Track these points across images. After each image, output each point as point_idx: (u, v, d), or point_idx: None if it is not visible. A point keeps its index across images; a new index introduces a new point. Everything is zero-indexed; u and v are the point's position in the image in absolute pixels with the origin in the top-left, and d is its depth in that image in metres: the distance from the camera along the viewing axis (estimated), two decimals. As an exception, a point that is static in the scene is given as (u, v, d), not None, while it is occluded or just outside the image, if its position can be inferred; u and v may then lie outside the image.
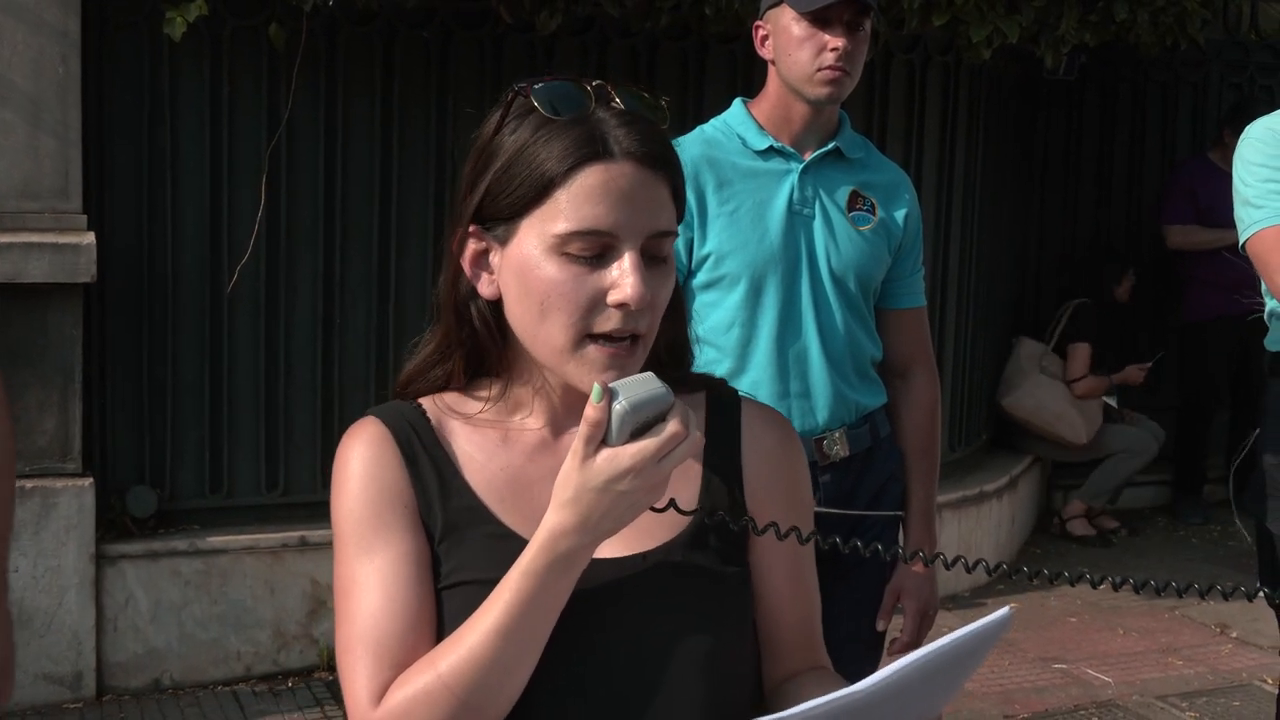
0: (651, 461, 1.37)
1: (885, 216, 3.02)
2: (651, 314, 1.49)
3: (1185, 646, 5.66)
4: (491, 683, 1.42)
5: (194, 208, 5.03)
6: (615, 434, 1.38)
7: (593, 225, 1.45)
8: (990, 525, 6.48)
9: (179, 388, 5.09)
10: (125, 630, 4.91)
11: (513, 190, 1.49)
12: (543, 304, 1.47)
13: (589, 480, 1.38)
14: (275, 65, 5.04)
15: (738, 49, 5.55)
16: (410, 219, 5.30)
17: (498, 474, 1.57)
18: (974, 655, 1.43)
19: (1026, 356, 7.11)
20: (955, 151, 6.40)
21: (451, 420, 1.59)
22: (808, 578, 1.68)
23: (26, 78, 4.64)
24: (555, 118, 1.48)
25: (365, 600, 1.49)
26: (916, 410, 3.14)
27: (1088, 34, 5.86)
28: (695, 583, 1.55)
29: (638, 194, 1.47)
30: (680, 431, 1.38)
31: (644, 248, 1.47)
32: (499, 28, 5.19)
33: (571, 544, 1.40)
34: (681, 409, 1.40)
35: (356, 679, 1.47)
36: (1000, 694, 5.10)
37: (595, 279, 1.46)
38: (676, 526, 1.56)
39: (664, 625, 1.52)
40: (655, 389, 1.40)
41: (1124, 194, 7.88)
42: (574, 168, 1.46)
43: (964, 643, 1.36)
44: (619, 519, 1.40)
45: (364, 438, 1.56)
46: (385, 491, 1.53)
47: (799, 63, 2.88)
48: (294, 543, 5.10)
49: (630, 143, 1.48)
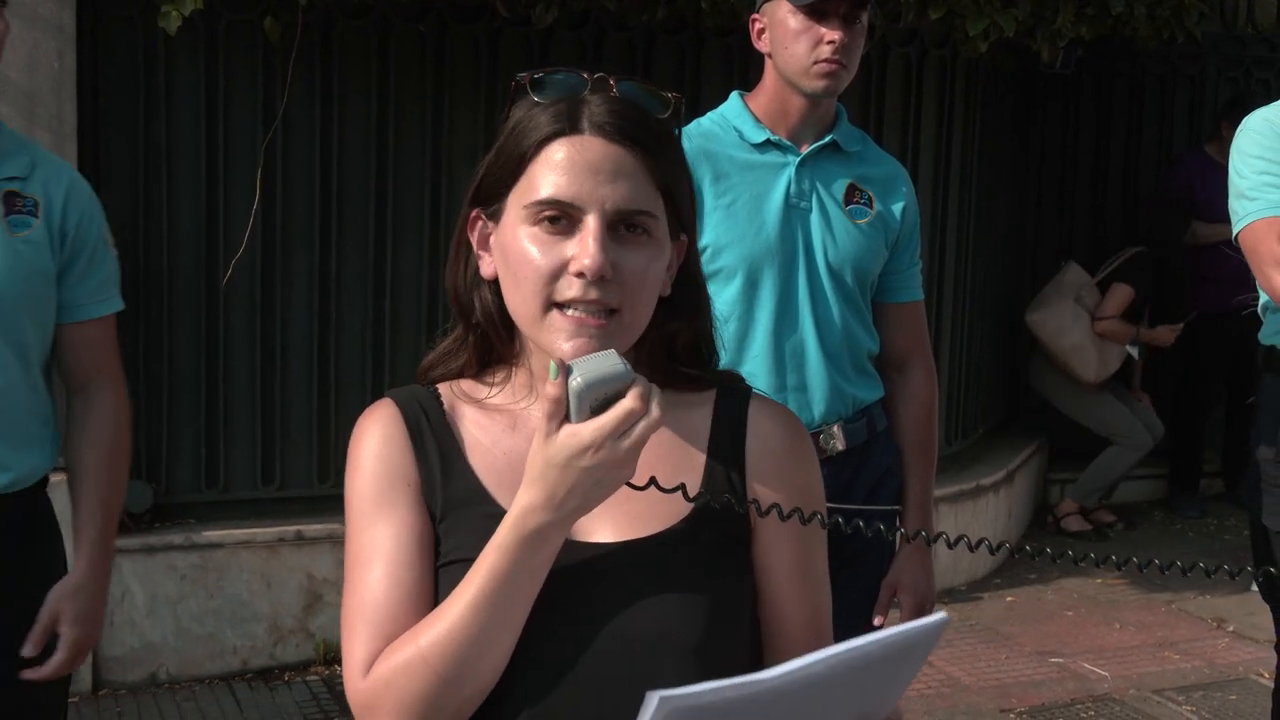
0: (610, 437, 1.39)
1: (882, 210, 3.01)
2: (622, 289, 1.51)
3: (1182, 640, 5.67)
4: (467, 657, 1.44)
5: (189, 202, 5.03)
6: (575, 411, 1.40)
7: (554, 194, 1.50)
8: (987, 519, 6.49)
9: (175, 383, 5.08)
10: (122, 624, 4.91)
11: (499, 170, 1.57)
12: (516, 273, 1.53)
13: (552, 457, 1.41)
14: (270, 59, 5.03)
15: (734, 42, 5.54)
16: (406, 213, 5.29)
17: (500, 458, 1.59)
18: (909, 659, 1.39)
19: (1068, 282, 7.04)
20: (952, 145, 6.39)
21: (464, 405, 1.63)
22: (816, 575, 1.67)
23: (21, 72, 4.63)
24: (542, 101, 1.55)
25: (366, 574, 1.53)
26: (914, 404, 3.14)
27: (1084, 27, 5.85)
28: (688, 573, 1.55)
29: (603, 167, 1.51)
30: (637, 407, 1.40)
31: (616, 221, 1.51)
32: (495, 21, 5.18)
33: (539, 520, 1.43)
34: (643, 385, 1.41)
35: (353, 648, 1.51)
36: (997, 687, 5.11)
37: (560, 248, 1.50)
38: (673, 516, 1.57)
39: (653, 613, 1.52)
40: (613, 366, 1.41)
41: (1120, 187, 7.87)
42: (544, 141, 1.53)
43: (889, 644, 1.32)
44: (585, 496, 1.42)
45: (376, 418, 1.61)
46: (391, 470, 1.57)
47: (795, 56, 2.88)
48: (290, 537, 5.10)
49: (601, 118, 1.53)
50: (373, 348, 5.29)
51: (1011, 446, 7.17)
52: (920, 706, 4.86)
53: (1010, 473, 6.80)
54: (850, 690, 1.35)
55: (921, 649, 1.39)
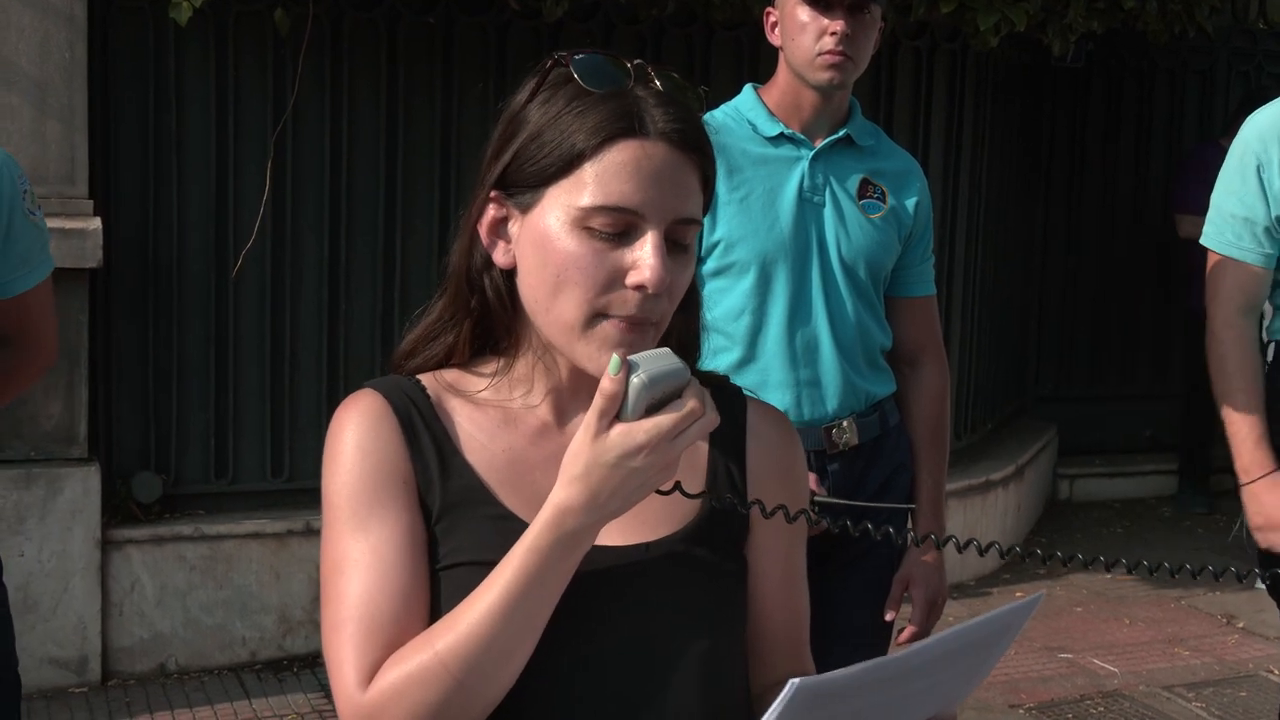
0: (667, 438, 1.33)
1: (896, 204, 3.00)
2: (668, 301, 1.45)
3: (1191, 637, 5.66)
4: (490, 663, 1.37)
5: (199, 193, 5.03)
6: (631, 408, 1.35)
7: (619, 202, 1.42)
8: (996, 514, 6.48)
9: (184, 373, 5.08)
10: (131, 615, 4.91)
11: (541, 158, 1.45)
12: (559, 277, 1.43)
13: (601, 455, 1.34)
14: (280, 51, 5.03)
15: (743, 35, 5.54)
16: (415, 204, 5.29)
17: (499, 455, 1.52)
18: (1001, 639, 1.43)
19: None
20: (962, 138, 6.38)
21: (452, 398, 1.54)
22: (799, 582, 1.65)
23: (33, 62, 4.63)
24: (592, 90, 1.45)
25: (357, 579, 1.44)
26: (926, 399, 3.13)
27: (1095, 21, 5.84)
28: (696, 577, 1.52)
29: (667, 175, 1.44)
30: (698, 408, 1.35)
31: (667, 232, 1.44)
32: (504, 14, 5.17)
33: (578, 522, 1.36)
34: (697, 387, 1.37)
35: (344, 659, 1.42)
36: (1006, 683, 5.10)
37: (615, 257, 1.42)
38: (680, 520, 1.53)
39: (662, 618, 1.49)
40: (673, 364, 1.37)
41: (1130, 181, 7.86)
42: (606, 141, 1.42)
43: (994, 622, 1.36)
44: (627, 497, 1.36)
45: (361, 409, 1.51)
46: (383, 466, 1.48)
47: (801, 47, 2.87)
48: (299, 528, 5.10)
49: (665, 123, 1.44)
50: (382, 339, 5.29)
51: (1020, 441, 7.16)
52: (928, 701, 4.85)
53: (1020, 467, 6.79)
54: (948, 673, 1.39)
55: (1013, 629, 1.41)
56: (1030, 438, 7.28)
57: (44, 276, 2.76)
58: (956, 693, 1.46)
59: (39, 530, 4.71)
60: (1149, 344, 7.93)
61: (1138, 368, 7.95)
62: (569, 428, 1.54)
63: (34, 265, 2.72)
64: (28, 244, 2.70)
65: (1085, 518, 7.35)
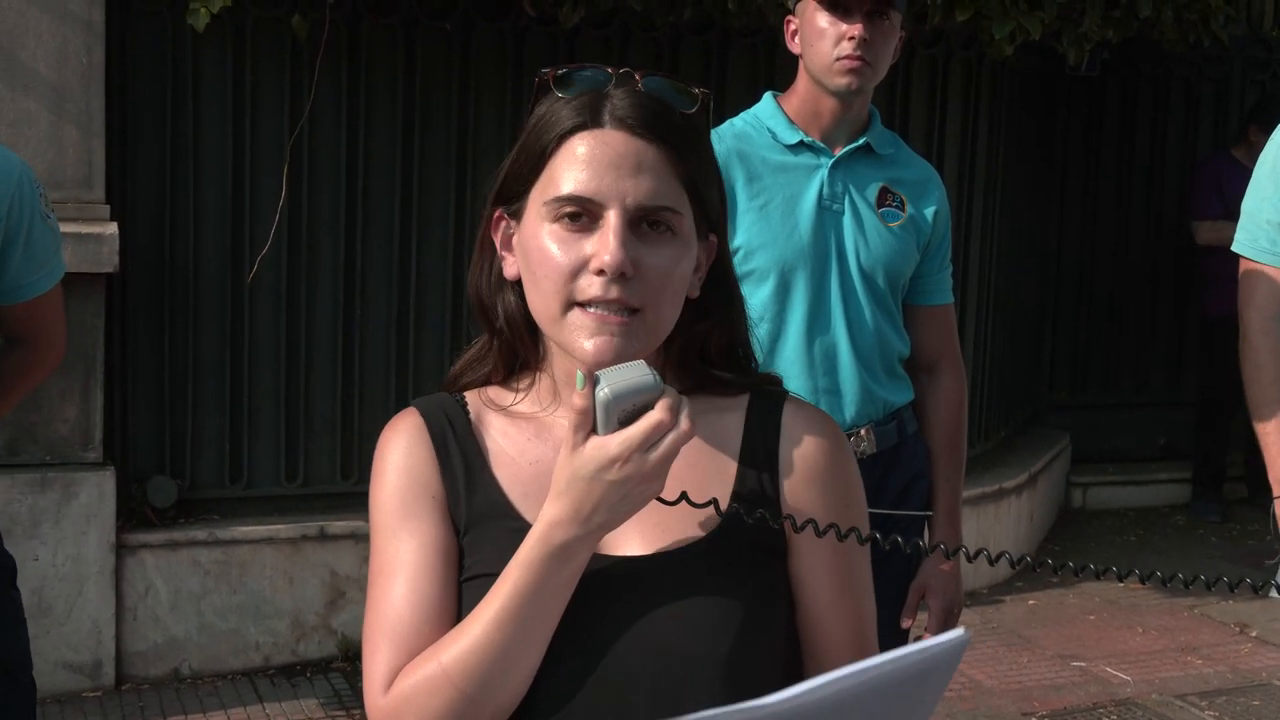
0: (639, 449, 1.36)
1: (915, 213, 3.01)
2: (645, 287, 1.46)
3: (1204, 645, 5.64)
4: (492, 674, 1.41)
5: (216, 198, 5.04)
6: (602, 423, 1.37)
7: (575, 190, 1.46)
8: (1010, 521, 6.47)
9: (199, 378, 5.09)
10: (145, 619, 4.92)
11: (521, 166, 1.53)
12: (536, 272, 1.49)
13: (578, 470, 1.38)
14: (298, 56, 5.04)
15: (760, 42, 5.54)
16: (431, 210, 5.30)
17: (526, 469, 1.55)
18: (931, 680, 1.29)
19: None
20: (977, 146, 6.38)
21: (490, 414, 1.59)
22: (857, 585, 1.60)
23: (50, 67, 4.65)
24: (563, 95, 1.51)
25: (390, 588, 1.50)
26: (943, 407, 3.13)
27: (1110, 30, 5.83)
28: (717, 585, 1.50)
29: (625, 162, 1.47)
30: (665, 420, 1.36)
31: (638, 218, 1.46)
32: (521, 20, 5.18)
33: (566, 535, 1.39)
34: (672, 398, 1.38)
35: (374, 664, 1.48)
36: (1019, 691, 5.09)
37: (580, 245, 1.46)
38: (703, 527, 1.52)
39: (681, 628, 1.48)
40: (642, 377, 1.38)
41: (1145, 189, 7.85)
42: (564, 135, 1.49)
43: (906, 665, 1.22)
44: (613, 510, 1.39)
45: (401, 428, 1.57)
46: (415, 482, 1.54)
47: (820, 53, 2.88)
48: (313, 533, 5.10)
49: (623, 112, 1.48)
50: (397, 344, 5.30)
51: (1034, 449, 7.15)
52: (941, 710, 4.85)
53: (1033, 475, 6.78)
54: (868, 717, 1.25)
55: (943, 670, 1.29)
56: (1043, 445, 7.27)
57: (58, 280, 2.81)
58: None
59: (54, 534, 4.72)
60: (1163, 352, 7.92)
61: (1151, 376, 7.94)
62: None
63: (50, 269, 2.77)
64: (46, 248, 2.74)
65: (1098, 526, 7.34)
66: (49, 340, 2.88)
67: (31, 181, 2.70)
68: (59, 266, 2.81)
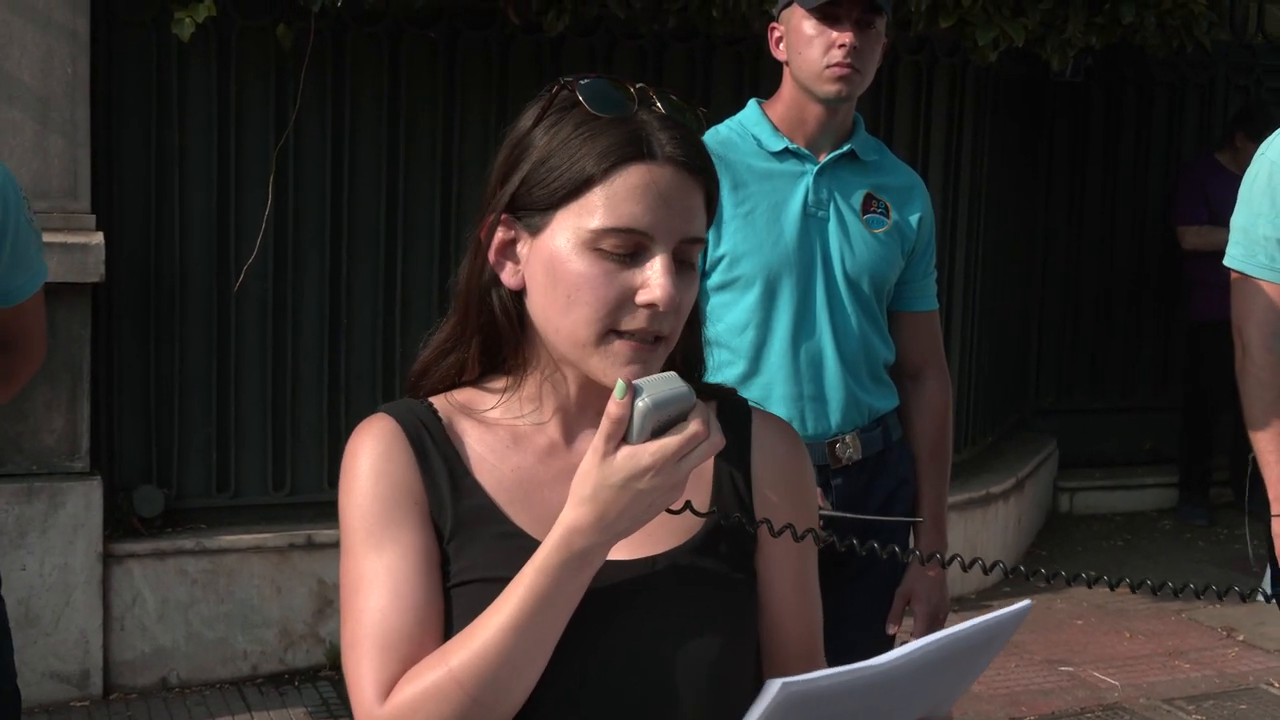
0: (672, 460, 1.38)
1: (899, 219, 3.02)
2: (675, 317, 1.50)
3: (1192, 649, 5.66)
4: (503, 679, 1.41)
5: (202, 207, 5.04)
6: (636, 432, 1.39)
7: (629, 224, 1.46)
8: (997, 527, 6.48)
9: (186, 387, 5.09)
10: (132, 629, 4.91)
11: (550, 182, 1.50)
12: (570, 296, 1.48)
13: (608, 477, 1.38)
14: (283, 65, 5.04)
15: (745, 50, 5.55)
16: (417, 219, 5.30)
17: (508, 475, 1.56)
18: (989, 646, 1.45)
19: None
20: (962, 152, 6.40)
21: (463, 420, 1.59)
22: (811, 589, 1.67)
23: (35, 77, 4.64)
24: (598, 115, 1.50)
25: (373, 596, 1.48)
26: (928, 413, 3.14)
27: (1094, 36, 5.85)
28: (703, 589, 1.54)
29: (675, 198, 1.48)
30: (701, 431, 1.39)
31: (674, 251, 1.49)
32: (506, 28, 5.19)
33: (587, 542, 1.40)
34: (703, 409, 1.41)
35: (363, 675, 1.46)
36: (1006, 696, 5.10)
37: (625, 277, 1.47)
38: (686, 532, 1.56)
39: (670, 631, 1.51)
40: (678, 388, 1.40)
41: (1129, 195, 7.87)
42: (615, 166, 1.47)
43: (982, 630, 1.38)
44: (636, 518, 1.41)
45: (375, 433, 1.55)
46: (396, 487, 1.52)
47: (809, 60, 2.89)
48: (300, 542, 5.10)
49: (672, 147, 1.49)
50: (383, 352, 5.30)
51: (1021, 454, 7.16)
52: (930, 714, 4.85)
53: (1020, 480, 6.79)
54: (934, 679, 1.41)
55: (1001, 638, 1.43)
56: (1030, 450, 7.28)
57: (42, 282, 2.83)
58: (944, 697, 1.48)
59: (41, 544, 4.71)
60: (1149, 357, 7.95)
61: (1138, 380, 7.96)
62: (577, 445, 1.57)
63: (35, 271, 2.79)
64: (31, 252, 2.75)
65: (1086, 530, 7.36)
66: (33, 342, 2.90)
67: (15, 187, 2.70)
68: (42, 269, 2.82)
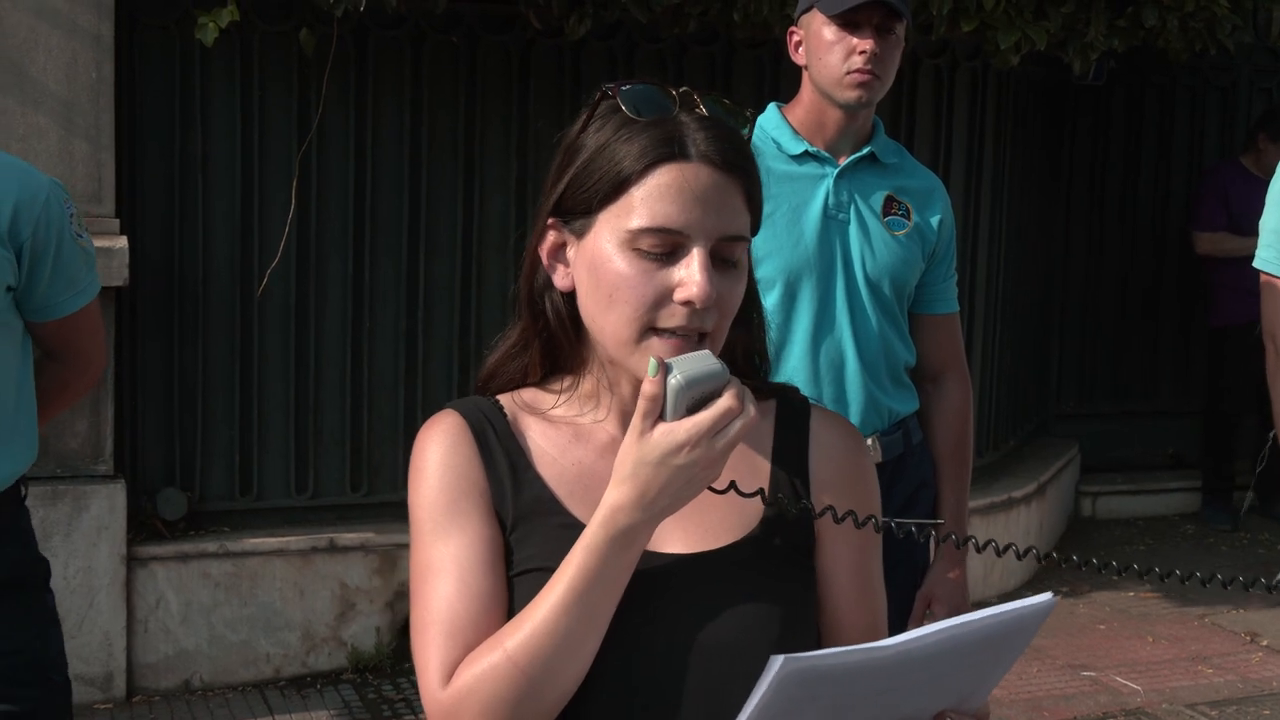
0: (707, 436, 1.41)
1: (920, 222, 3.02)
2: (718, 314, 1.52)
3: (1215, 654, 5.64)
4: (556, 658, 1.45)
5: (225, 212, 5.06)
6: (671, 409, 1.41)
7: (664, 223, 1.50)
8: (1019, 531, 6.47)
9: (209, 390, 5.11)
10: (156, 632, 4.94)
11: (591, 185, 1.54)
12: (611, 295, 1.52)
13: (646, 455, 1.42)
14: (305, 70, 5.06)
15: (765, 54, 5.56)
16: (439, 222, 5.31)
17: (569, 468, 1.61)
18: (1012, 641, 1.44)
19: None
20: (983, 156, 6.39)
21: (526, 416, 1.64)
22: (874, 584, 1.69)
23: (59, 82, 4.67)
24: (637, 118, 1.53)
25: (440, 584, 1.53)
26: (949, 415, 3.14)
27: (1116, 40, 5.84)
28: (758, 583, 1.57)
29: (710, 195, 1.51)
30: (735, 406, 1.42)
31: (714, 249, 1.51)
32: (527, 33, 5.20)
33: (630, 519, 1.44)
34: (738, 386, 1.43)
35: (429, 659, 1.51)
36: (1028, 701, 5.09)
37: (663, 275, 1.50)
38: (743, 527, 1.59)
39: (727, 624, 1.54)
40: (711, 365, 1.43)
41: (1151, 199, 7.85)
42: (650, 166, 1.51)
43: (1000, 622, 1.37)
44: (676, 495, 1.44)
45: (441, 428, 1.61)
46: (461, 480, 1.57)
47: (829, 66, 2.89)
48: (323, 545, 5.12)
49: (706, 145, 1.52)
50: (406, 356, 5.32)
51: (1043, 458, 7.15)
52: None
53: (1042, 485, 6.78)
54: (955, 669, 1.41)
55: (1026, 631, 1.43)
56: (1052, 455, 7.27)
57: (91, 298, 2.82)
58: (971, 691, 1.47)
59: (65, 547, 4.74)
60: (1170, 360, 7.92)
61: (1159, 384, 7.93)
62: None
63: (81, 287, 2.77)
64: (75, 267, 2.74)
65: (1108, 535, 7.33)
66: (85, 356, 2.92)
67: (61, 201, 2.69)
68: (92, 285, 2.82)
